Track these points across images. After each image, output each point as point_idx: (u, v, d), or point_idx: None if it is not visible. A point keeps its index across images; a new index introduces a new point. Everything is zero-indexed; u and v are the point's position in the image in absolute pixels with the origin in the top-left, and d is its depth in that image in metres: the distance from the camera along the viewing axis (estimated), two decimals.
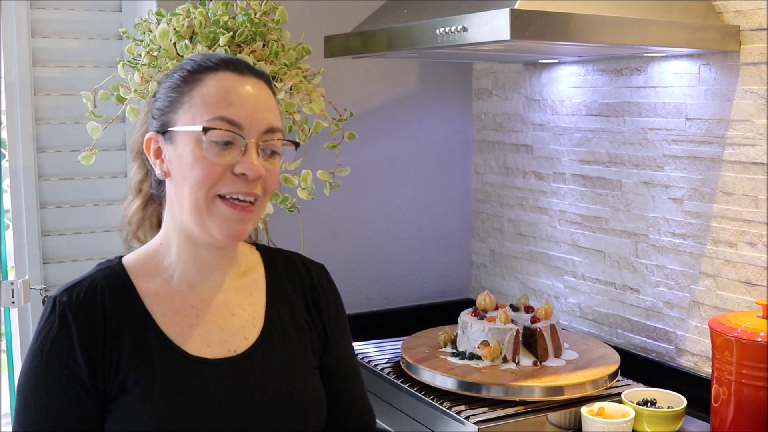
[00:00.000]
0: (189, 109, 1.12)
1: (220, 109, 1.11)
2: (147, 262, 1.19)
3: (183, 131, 1.12)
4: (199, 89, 1.12)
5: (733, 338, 1.53)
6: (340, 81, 2.30)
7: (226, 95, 1.11)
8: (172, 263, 1.18)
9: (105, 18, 2.11)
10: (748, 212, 1.72)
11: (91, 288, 1.14)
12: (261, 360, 1.17)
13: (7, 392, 2.05)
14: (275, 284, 1.26)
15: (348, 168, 1.91)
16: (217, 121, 1.10)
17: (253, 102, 1.13)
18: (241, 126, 1.10)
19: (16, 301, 1.97)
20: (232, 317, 1.19)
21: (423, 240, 2.52)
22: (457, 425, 1.65)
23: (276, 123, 1.14)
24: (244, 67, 1.16)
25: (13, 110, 2.01)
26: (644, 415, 1.62)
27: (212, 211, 1.11)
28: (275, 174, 1.15)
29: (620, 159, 2.03)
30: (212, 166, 1.09)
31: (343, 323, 1.32)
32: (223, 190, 1.10)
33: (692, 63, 1.82)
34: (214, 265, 1.19)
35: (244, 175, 1.10)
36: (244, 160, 1.10)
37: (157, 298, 1.16)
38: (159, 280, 1.17)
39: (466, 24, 1.54)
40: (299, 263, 1.31)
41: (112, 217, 2.16)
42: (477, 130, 2.53)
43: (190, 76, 1.14)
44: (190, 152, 1.10)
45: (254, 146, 1.11)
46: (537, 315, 1.88)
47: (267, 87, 1.18)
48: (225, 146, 1.10)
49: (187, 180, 1.11)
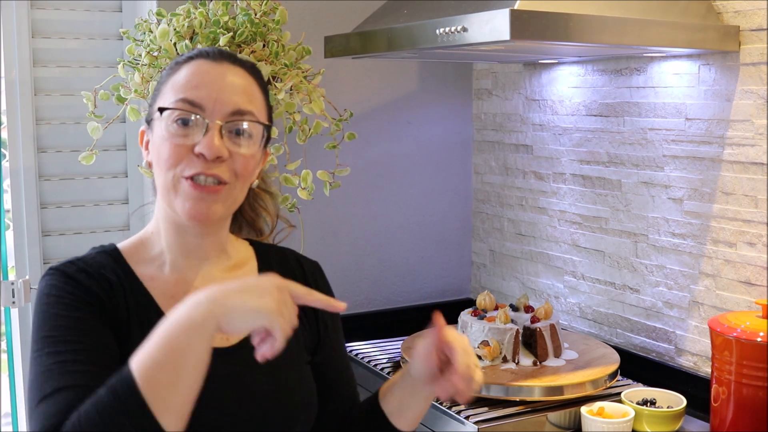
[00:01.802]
0: (162, 96, 1.16)
1: (183, 91, 1.13)
2: (140, 249, 1.21)
3: (157, 119, 1.15)
4: (174, 77, 1.16)
5: (733, 338, 1.53)
6: (340, 81, 2.30)
7: (192, 78, 1.14)
8: (162, 251, 1.20)
9: (105, 18, 2.12)
10: (748, 212, 1.73)
11: (94, 263, 1.15)
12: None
13: (7, 392, 2.05)
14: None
15: (348, 168, 1.91)
16: (178, 102, 1.13)
17: (218, 85, 1.14)
18: (203, 107, 1.12)
19: (16, 301, 1.97)
20: None
21: (423, 240, 2.52)
22: (457, 425, 1.65)
23: (246, 106, 1.15)
24: (219, 55, 1.18)
25: (14, 110, 2.01)
26: (644, 414, 1.62)
27: (178, 191, 1.13)
28: (246, 158, 1.15)
29: (620, 159, 2.03)
30: (174, 146, 1.12)
31: (336, 320, 1.33)
32: (186, 172, 1.12)
33: (692, 63, 1.82)
34: (201, 254, 1.21)
35: (203, 155, 1.11)
36: (203, 140, 1.12)
37: (153, 281, 1.18)
38: (152, 267, 1.20)
39: (466, 24, 1.55)
40: (293, 259, 1.33)
41: (113, 217, 2.17)
42: (477, 130, 2.53)
43: (172, 69, 1.18)
44: (158, 135, 1.14)
45: (216, 127, 1.12)
46: (537, 315, 1.88)
47: (246, 73, 1.19)
48: (184, 126, 1.12)
49: (158, 163, 1.15)
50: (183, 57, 1.19)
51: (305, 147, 1.89)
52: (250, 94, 1.17)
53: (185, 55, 1.19)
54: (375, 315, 2.42)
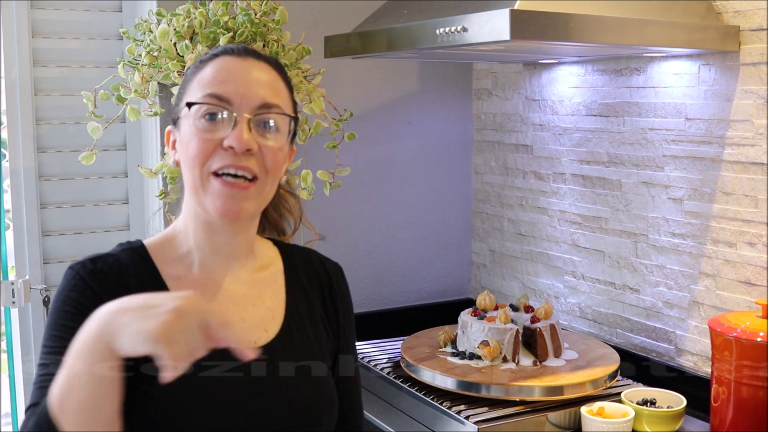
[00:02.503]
0: (188, 93, 1.16)
1: (210, 87, 1.13)
2: (167, 248, 1.19)
3: (184, 116, 1.15)
4: (200, 75, 1.16)
5: (733, 338, 1.53)
6: (340, 81, 2.30)
7: (218, 74, 1.14)
8: (191, 250, 1.18)
9: (105, 18, 2.12)
10: (748, 212, 1.73)
11: (116, 263, 1.14)
12: (281, 352, 1.17)
13: (7, 392, 2.05)
14: (294, 279, 1.26)
15: (348, 168, 1.91)
16: (206, 97, 1.12)
17: (245, 78, 1.14)
18: (230, 101, 1.12)
19: (16, 301, 1.97)
20: (253, 308, 1.19)
21: (423, 240, 2.52)
22: (457, 425, 1.65)
23: (272, 99, 1.15)
24: (244, 51, 1.18)
25: (14, 110, 2.01)
26: (644, 414, 1.62)
27: (207, 188, 1.12)
28: (274, 152, 1.14)
29: (620, 159, 2.03)
30: (203, 141, 1.11)
31: (352, 326, 1.33)
32: (214, 166, 1.11)
33: (692, 63, 1.82)
34: (230, 254, 1.19)
35: (233, 148, 1.11)
36: (232, 133, 1.11)
37: (179, 282, 1.16)
38: (180, 266, 1.18)
39: (466, 24, 1.55)
40: (317, 261, 1.32)
41: (113, 217, 2.17)
42: (477, 130, 2.53)
43: (196, 67, 1.18)
44: (186, 132, 1.14)
45: (245, 121, 1.12)
46: (537, 315, 1.88)
47: (271, 68, 1.19)
48: (212, 120, 1.12)
49: (186, 160, 1.14)
50: (208, 55, 1.19)
51: (305, 147, 1.89)
52: (276, 88, 1.17)
53: (210, 52, 1.19)
54: (375, 315, 2.42)
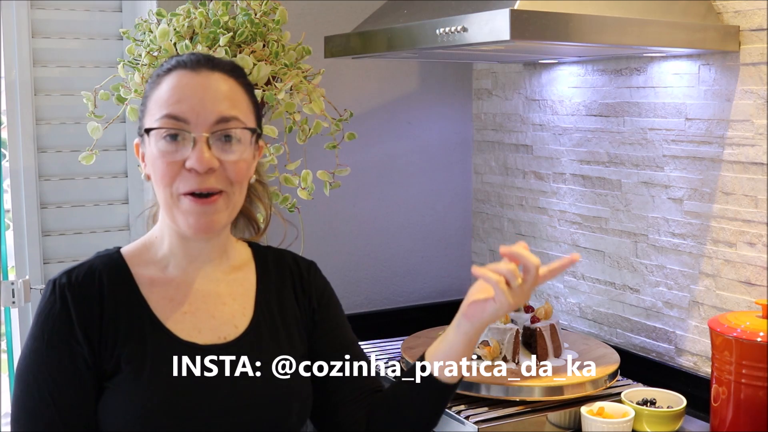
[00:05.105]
0: (148, 113, 1.17)
1: (167, 107, 1.14)
2: (143, 253, 1.24)
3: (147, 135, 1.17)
4: (155, 92, 1.17)
5: (733, 338, 1.53)
6: (340, 81, 2.30)
7: (173, 93, 1.15)
8: (165, 255, 1.23)
9: (105, 18, 2.12)
10: (748, 212, 1.73)
11: (89, 272, 1.18)
12: (249, 347, 1.22)
13: (7, 392, 2.05)
14: (265, 279, 1.30)
15: (348, 168, 1.91)
16: (163, 120, 1.14)
17: (199, 95, 1.15)
18: (187, 120, 1.13)
19: (16, 301, 1.97)
20: (224, 306, 1.24)
21: (423, 240, 2.52)
22: (457, 425, 1.65)
23: (229, 112, 1.15)
24: (197, 63, 1.18)
25: (14, 110, 2.01)
26: (644, 414, 1.62)
27: (179, 206, 1.15)
28: (238, 163, 1.16)
29: (620, 159, 2.03)
30: (167, 164, 1.14)
31: (335, 305, 1.36)
32: (181, 189, 1.14)
33: (692, 63, 1.82)
34: (204, 258, 1.24)
35: (194, 169, 1.12)
36: (192, 154, 1.12)
37: (152, 285, 1.21)
38: (154, 269, 1.23)
39: (466, 24, 1.55)
40: (290, 259, 1.36)
41: (113, 217, 2.17)
42: (477, 130, 2.53)
43: (153, 81, 1.19)
44: (151, 153, 1.16)
45: (203, 140, 1.13)
46: (537, 315, 1.88)
47: (227, 77, 1.18)
48: (173, 141, 1.13)
49: (155, 179, 1.17)
50: (162, 69, 1.19)
51: (305, 147, 1.89)
52: (233, 99, 1.17)
53: (164, 66, 1.20)
54: (375, 315, 2.42)
